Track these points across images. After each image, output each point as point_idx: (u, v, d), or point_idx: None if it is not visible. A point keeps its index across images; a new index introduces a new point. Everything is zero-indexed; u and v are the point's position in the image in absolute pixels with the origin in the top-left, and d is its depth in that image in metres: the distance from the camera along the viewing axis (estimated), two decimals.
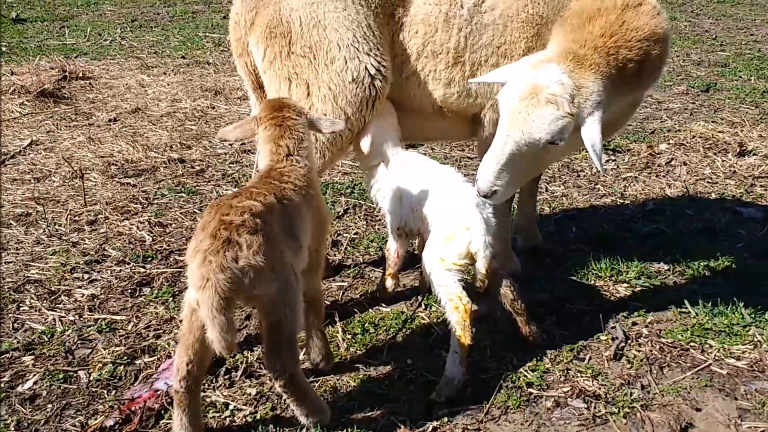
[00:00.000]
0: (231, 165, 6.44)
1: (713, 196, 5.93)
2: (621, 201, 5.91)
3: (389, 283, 4.35)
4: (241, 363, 3.78)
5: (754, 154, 6.75)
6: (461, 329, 3.50)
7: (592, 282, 4.63)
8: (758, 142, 6.95)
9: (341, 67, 3.95)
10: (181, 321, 3.13)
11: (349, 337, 4.04)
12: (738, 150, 6.76)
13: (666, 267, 4.82)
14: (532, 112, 3.43)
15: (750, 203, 5.79)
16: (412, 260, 4.58)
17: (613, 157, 6.80)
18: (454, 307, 3.52)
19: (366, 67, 3.95)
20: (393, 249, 4.23)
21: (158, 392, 3.55)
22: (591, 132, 3.46)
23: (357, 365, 3.79)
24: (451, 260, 3.58)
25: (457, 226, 3.60)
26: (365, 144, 4.11)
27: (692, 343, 3.98)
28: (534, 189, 5.10)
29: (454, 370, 3.53)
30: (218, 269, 2.77)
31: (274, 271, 2.92)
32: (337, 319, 4.18)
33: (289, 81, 4.01)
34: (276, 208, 3.07)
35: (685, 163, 6.58)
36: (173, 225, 5.30)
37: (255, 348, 3.90)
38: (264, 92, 4.25)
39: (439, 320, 4.13)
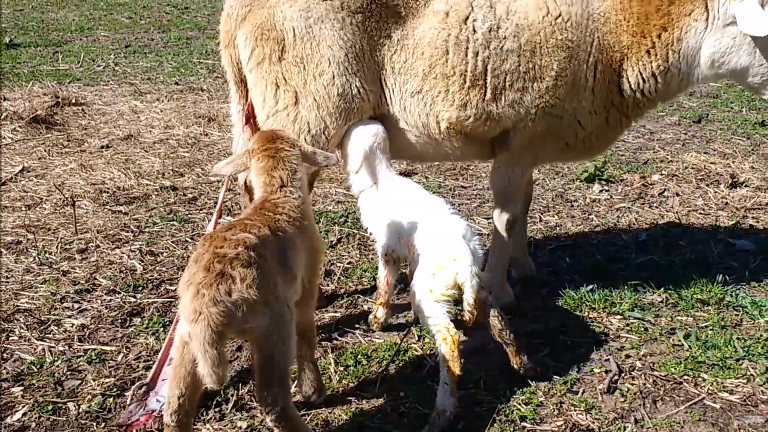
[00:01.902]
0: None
1: (706, 227, 5.95)
2: (614, 231, 5.92)
3: (380, 312, 4.35)
4: (232, 396, 3.74)
5: (746, 186, 6.78)
6: (450, 360, 3.48)
7: (586, 313, 4.62)
8: (750, 173, 6.99)
9: (329, 81, 4.09)
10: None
11: (341, 369, 4.01)
12: (730, 181, 6.79)
13: (659, 299, 4.81)
14: None
15: (742, 235, 5.80)
16: (406, 289, 4.56)
17: (606, 188, 6.82)
18: (443, 338, 3.52)
19: (352, 86, 4.10)
20: (382, 276, 4.24)
21: (154, 413, 3.52)
22: None
23: (349, 398, 3.75)
24: (440, 291, 3.58)
25: (444, 258, 3.62)
26: (355, 164, 4.13)
27: (685, 377, 3.96)
28: (525, 219, 5.12)
29: (446, 402, 3.50)
30: (211, 303, 2.74)
31: (267, 305, 2.90)
32: (329, 350, 4.16)
33: (277, 86, 4.12)
34: (270, 240, 3.06)
35: (677, 194, 6.60)
36: (164, 254, 5.27)
37: (246, 380, 3.86)
38: (246, 86, 4.32)
39: (431, 352, 4.11)
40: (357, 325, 4.45)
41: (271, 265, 2.98)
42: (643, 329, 4.44)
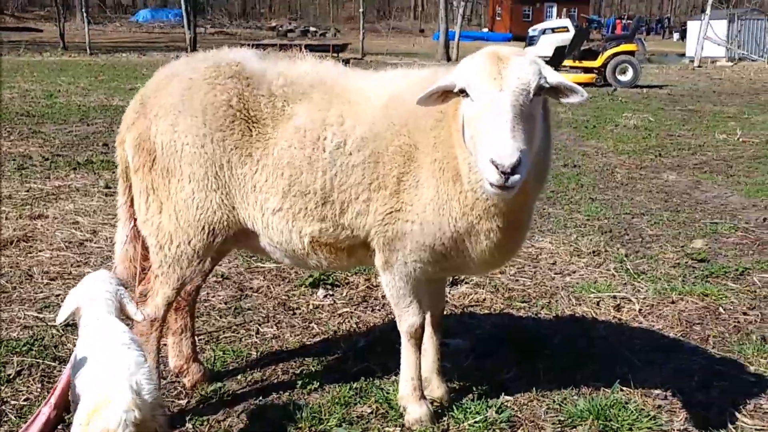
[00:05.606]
0: None
1: None
2: (334, 339, 5.70)
3: None
4: None
5: (466, 283, 6.91)
6: None
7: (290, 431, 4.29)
8: None
9: (188, 195, 4.23)
10: None
11: None
12: (450, 279, 6.87)
13: (370, 410, 4.59)
14: (516, 61, 3.58)
15: (459, 333, 5.81)
16: None
17: (331, 292, 6.65)
18: None
19: (212, 201, 4.23)
20: None
21: None
22: (554, 73, 3.66)
23: None
24: None
25: (98, 400, 3.12)
26: (60, 317, 3.70)
27: None
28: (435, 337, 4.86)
29: None
30: None
31: None
32: None
33: (148, 194, 4.31)
34: None
35: None
36: None
37: None
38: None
39: None
40: None
41: None
42: None
